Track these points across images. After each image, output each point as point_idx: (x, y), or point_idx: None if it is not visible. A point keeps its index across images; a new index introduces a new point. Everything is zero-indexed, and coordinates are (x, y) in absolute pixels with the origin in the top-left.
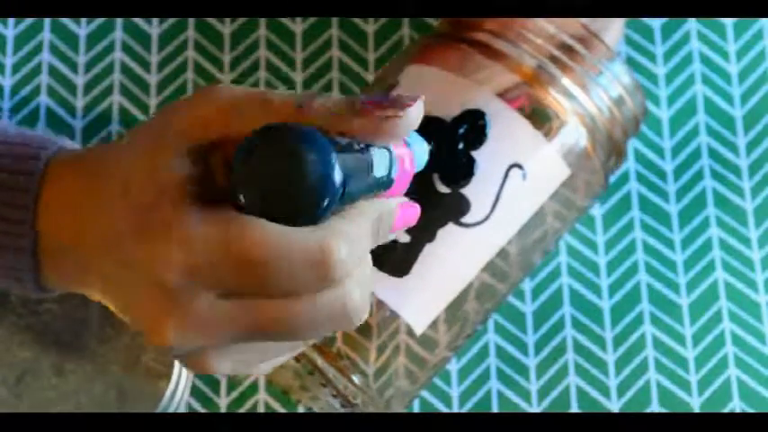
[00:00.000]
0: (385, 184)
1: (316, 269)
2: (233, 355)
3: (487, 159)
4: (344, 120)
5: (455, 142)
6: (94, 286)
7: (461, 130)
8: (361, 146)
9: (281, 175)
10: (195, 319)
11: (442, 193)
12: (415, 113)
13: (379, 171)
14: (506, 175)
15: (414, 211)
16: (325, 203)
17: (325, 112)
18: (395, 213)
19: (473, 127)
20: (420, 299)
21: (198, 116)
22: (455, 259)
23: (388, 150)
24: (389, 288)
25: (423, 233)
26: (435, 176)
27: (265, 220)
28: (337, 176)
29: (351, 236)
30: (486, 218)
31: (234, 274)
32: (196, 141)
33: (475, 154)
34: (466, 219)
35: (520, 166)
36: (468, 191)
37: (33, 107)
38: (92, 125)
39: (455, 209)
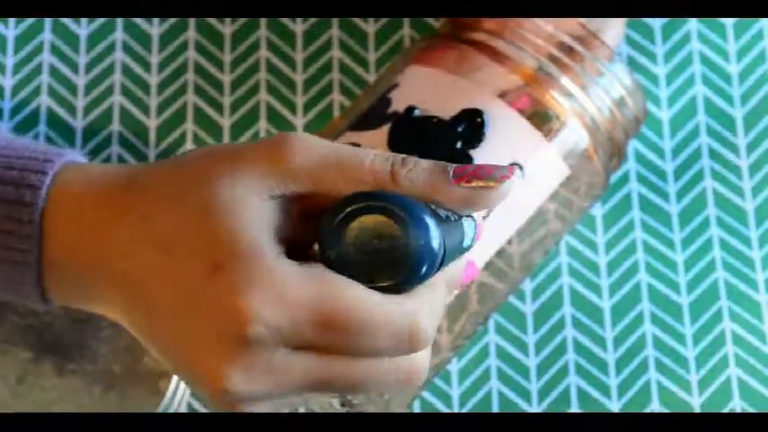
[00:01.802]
0: (467, 251)
1: (404, 344)
2: (273, 403)
3: (486, 158)
4: (439, 189)
5: (453, 141)
6: (113, 313)
7: (459, 129)
8: (456, 218)
9: (383, 241)
10: (265, 369)
11: None
12: (509, 185)
13: (467, 240)
14: None
15: (473, 270)
16: (424, 274)
17: (418, 180)
18: (462, 272)
19: (471, 125)
20: None
21: (282, 170)
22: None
23: (473, 218)
24: None
25: None
26: (518, 171)
27: (357, 283)
28: (437, 247)
29: (434, 306)
30: (485, 216)
31: (318, 333)
32: (278, 190)
33: (473, 153)
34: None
35: (519, 166)
36: None
37: (34, 107)
38: (92, 125)
39: None
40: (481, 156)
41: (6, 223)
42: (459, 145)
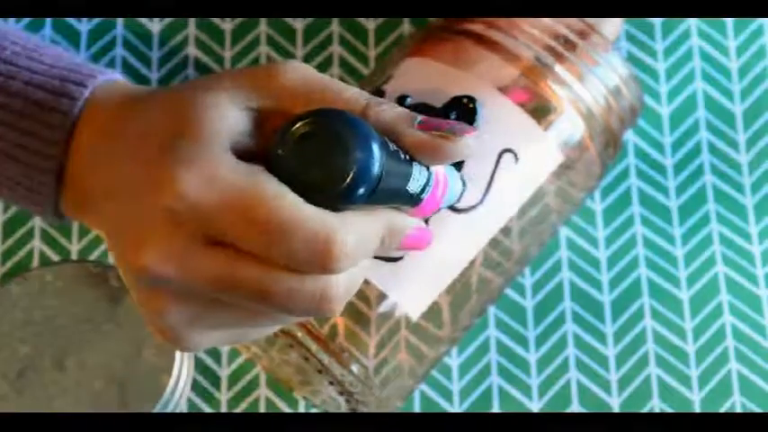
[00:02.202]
0: (412, 201)
1: (316, 254)
2: (189, 306)
3: (478, 145)
4: (401, 129)
5: None
6: (98, 216)
7: (452, 116)
8: (407, 157)
9: (324, 153)
10: (180, 252)
11: None
12: (467, 143)
13: (413, 186)
14: (498, 161)
15: (426, 237)
16: (357, 192)
17: (385, 117)
18: (408, 231)
19: (463, 112)
20: (414, 284)
21: (268, 85)
22: (448, 244)
23: (428, 171)
24: (382, 273)
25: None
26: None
27: (287, 188)
28: (376, 170)
29: (359, 234)
30: (479, 203)
31: (236, 226)
32: (255, 103)
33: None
34: (458, 203)
35: (512, 152)
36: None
37: None
38: None
39: None
40: (473, 143)
41: (37, 127)
42: None
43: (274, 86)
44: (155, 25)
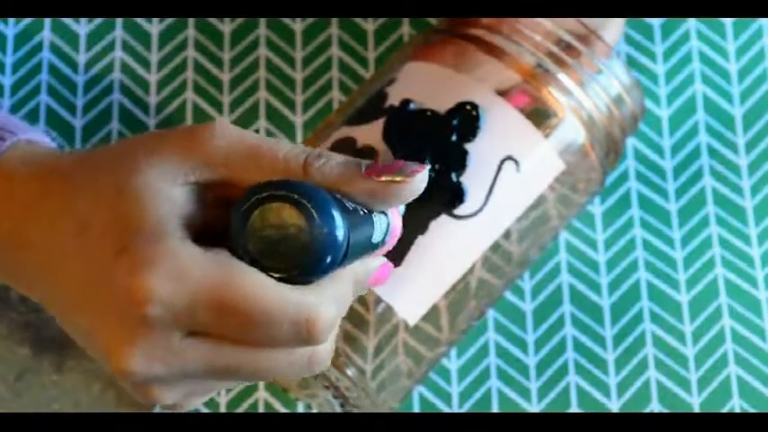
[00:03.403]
0: (377, 247)
1: (300, 334)
2: (180, 388)
3: (481, 152)
4: (349, 182)
5: (448, 134)
6: (35, 292)
7: (455, 122)
8: (364, 211)
9: (286, 229)
10: (164, 352)
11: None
12: (420, 180)
13: (377, 236)
14: (500, 168)
15: (386, 272)
16: (327, 264)
17: (330, 173)
18: (373, 273)
19: (466, 119)
20: (413, 290)
21: (197, 155)
22: (448, 251)
23: (386, 215)
24: None
25: (415, 224)
26: (428, 168)
27: (258, 272)
28: (342, 239)
29: (336, 300)
30: (480, 210)
31: (215, 318)
32: (192, 177)
33: (468, 146)
34: (459, 210)
35: (513, 159)
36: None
37: (33, 106)
38: (92, 124)
39: (448, 200)
40: (476, 149)
41: None
42: (453, 138)
43: (205, 155)
44: (153, 27)
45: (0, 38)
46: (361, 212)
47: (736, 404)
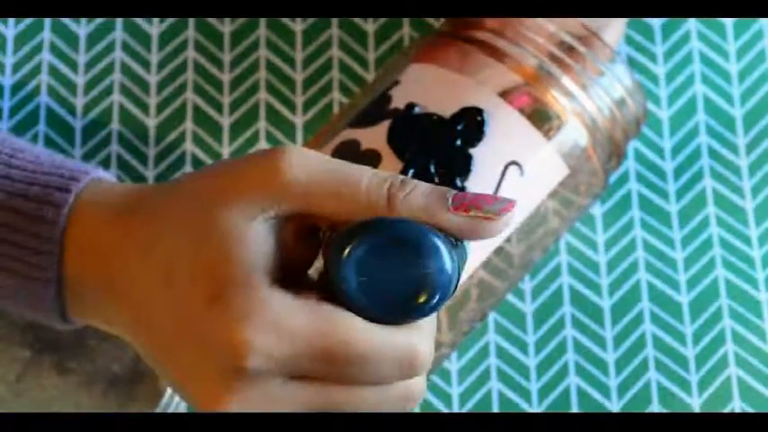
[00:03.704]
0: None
1: (404, 372)
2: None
3: (485, 156)
4: (436, 215)
5: (453, 139)
6: (127, 337)
7: (459, 127)
8: (457, 243)
9: (392, 276)
10: (266, 399)
11: None
12: (509, 218)
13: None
14: (504, 173)
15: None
16: (436, 304)
17: (416, 206)
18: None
19: (471, 124)
20: None
21: (276, 188)
22: None
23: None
24: None
25: None
26: (433, 173)
27: (355, 315)
28: (454, 277)
29: (432, 334)
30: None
31: (316, 364)
32: (272, 211)
33: (473, 151)
34: None
35: (518, 164)
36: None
37: (33, 107)
38: (92, 125)
39: None
40: (480, 154)
41: (27, 239)
42: (458, 143)
43: (284, 188)
44: (153, 28)
45: (0, 39)
46: (457, 243)
47: (736, 405)
